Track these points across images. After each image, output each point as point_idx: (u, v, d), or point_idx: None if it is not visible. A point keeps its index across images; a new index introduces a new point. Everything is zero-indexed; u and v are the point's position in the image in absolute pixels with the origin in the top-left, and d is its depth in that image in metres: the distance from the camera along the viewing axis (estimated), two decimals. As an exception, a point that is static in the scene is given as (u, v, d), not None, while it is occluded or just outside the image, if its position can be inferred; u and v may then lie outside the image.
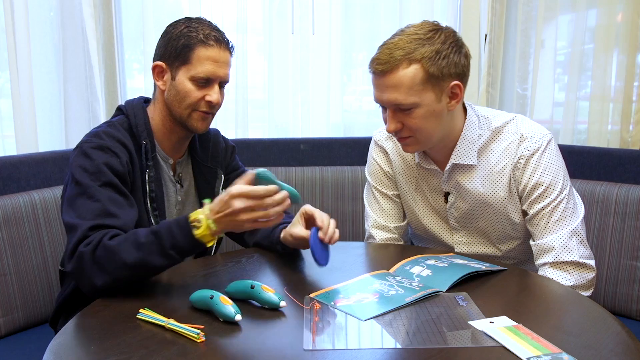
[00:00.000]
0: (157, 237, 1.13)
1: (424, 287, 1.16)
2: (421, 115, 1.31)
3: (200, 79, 1.35)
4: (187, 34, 1.35)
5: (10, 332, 1.61)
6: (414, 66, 1.28)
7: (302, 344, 0.93)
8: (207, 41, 1.34)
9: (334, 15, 2.39)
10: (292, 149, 2.16)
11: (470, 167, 1.43)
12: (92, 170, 1.24)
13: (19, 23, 1.98)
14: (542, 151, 1.38)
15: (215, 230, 1.12)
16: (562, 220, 1.36)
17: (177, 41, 1.35)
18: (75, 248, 1.15)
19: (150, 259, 1.12)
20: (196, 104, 1.36)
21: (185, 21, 1.38)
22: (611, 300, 1.78)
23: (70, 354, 0.94)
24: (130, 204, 1.28)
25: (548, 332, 0.96)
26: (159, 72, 1.39)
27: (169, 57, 1.37)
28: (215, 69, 1.35)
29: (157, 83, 1.40)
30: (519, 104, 2.38)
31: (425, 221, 1.55)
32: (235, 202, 1.09)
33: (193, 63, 1.34)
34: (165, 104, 1.40)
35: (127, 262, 1.12)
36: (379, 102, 1.35)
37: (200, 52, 1.34)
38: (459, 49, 1.31)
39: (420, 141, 1.36)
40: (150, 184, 1.36)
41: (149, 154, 1.36)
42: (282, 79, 2.40)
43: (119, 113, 1.43)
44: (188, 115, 1.38)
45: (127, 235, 1.16)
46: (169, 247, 1.12)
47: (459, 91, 1.32)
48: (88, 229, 1.17)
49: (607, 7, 2.17)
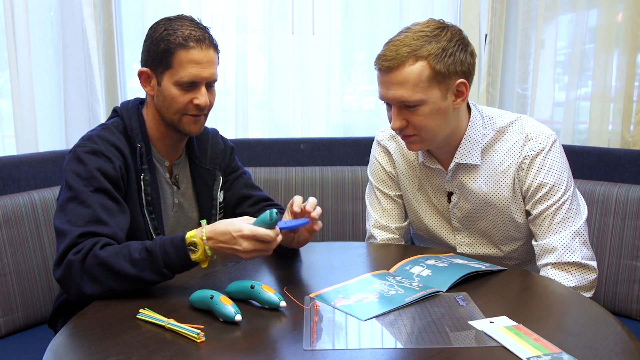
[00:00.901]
0: (150, 255, 1.13)
1: (424, 287, 1.16)
2: (426, 112, 1.30)
3: (184, 83, 1.31)
4: (166, 37, 1.30)
5: (10, 332, 1.61)
6: (421, 63, 1.27)
7: (302, 344, 0.93)
8: (186, 43, 1.29)
9: (334, 15, 2.39)
10: (292, 149, 2.16)
11: (474, 167, 1.43)
12: (85, 176, 1.24)
13: (19, 23, 1.99)
14: (547, 152, 1.37)
15: (211, 256, 1.14)
16: (565, 221, 1.35)
17: (158, 46, 1.31)
18: (64, 255, 1.15)
19: (144, 275, 1.12)
20: (184, 108, 1.34)
21: (165, 22, 1.33)
22: (611, 300, 1.78)
23: (70, 354, 0.94)
24: (122, 210, 1.27)
25: (548, 332, 0.96)
26: (145, 78, 1.36)
27: (152, 63, 1.33)
28: (198, 71, 1.31)
29: (144, 89, 1.38)
30: (519, 104, 2.38)
31: (427, 221, 1.55)
32: (244, 242, 1.11)
33: (175, 68, 1.30)
34: (156, 109, 1.38)
35: (119, 275, 1.11)
36: (384, 99, 1.34)
37: (181, 55, 1.30)
38: (465, 47, 1.31)
39: (425, 139, 1.36)
40: (146, 187, 1.35)
41: (144, 157, 1.35)
42: (282, 79, 2.40)
43: (114, 115, 1.42)
44: (178, 120, 1.36)
45: (119, 248, 1.15)
46: (162, 266, 1.13)
47: (464, 89, 1.32)
48: (77, 236, 1.16)
49: (607, 7, 2.17)
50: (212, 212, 1.50)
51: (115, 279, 1.12)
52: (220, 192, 1.51)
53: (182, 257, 1.13)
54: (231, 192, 1.54)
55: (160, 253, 1.13)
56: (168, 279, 1.15)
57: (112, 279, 1.12)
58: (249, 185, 1.57)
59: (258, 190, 1.58)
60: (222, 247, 1.12)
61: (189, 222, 1.50)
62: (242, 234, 1.10)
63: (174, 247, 1.14)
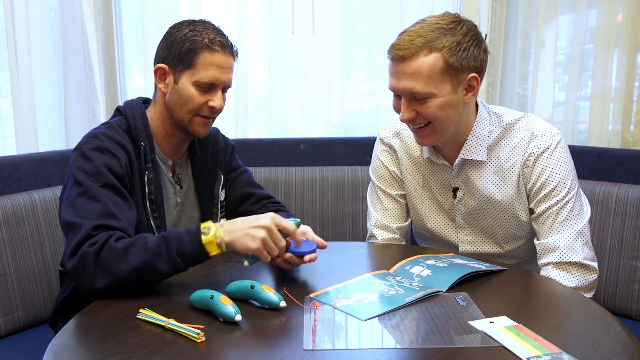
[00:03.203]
0: (165, 241, 1.14)
1: (424, 287, 1.16)
2: (436, 105, 1.30)
3: (204, 84, 1.34)
4: (192, 37, 1.33)
5: (10, 332, 1.61)
6: (434, 55, 1.27)
7: (302, 344, 0.93)
8: (212, 46, 1.33)
9: (334, 15, 2.39)
10: (292, 149, 2.16)
11: (479, 163, 1.43)
12: (92, 172, 1.24)
13: (19, 23, 1.98)
14: (552, 150, 1.37)
15: (222, 239, 1.14)
16: (568, 220, 1.35)
17: (182, 45, 1.33)
18: (79, 247, 1.14)
19: (156, 263, 1.12)
20: (199, 108, 1.36)
21: (190, 24, 1.37)
22: (611, 300, 1.78)
23: (70, 354, 0.94)
24: (130, 205, 1.28)
25: (548, 332, 0.96)
26: (161, 74, 1.38)
27: (172, 60, 1.35)
28: (219, 75, 1.35)
29: (158, 85, 1.39)
30: (519, 104, 2.38)
31: (430, 219, 1.55)
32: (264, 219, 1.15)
33: (197, 68, 1.33)
34: (166, 107, 1.39)
35: (132, 265, 1.11)
36: (395, 90, 1.34)
37: (205, 57, 1.33)
38: (479, 42, 1.31)
39: (437, 130, 1.34)
40: (150, 186, 1.36)
41: (148, 156, 1.36)
42: (282, 79, 2.40)
43: (117, 114, 1.42)
44: (189, 120, 1.37)
45: (135, 239, 1.16)
46: (175, 253, 1.13)
47: (475, 84, 1.32)
48: (92, 229, 1.16)
49: (607, 7, 2.17)
50: (214, 210, 1.50)
51: (128, 270, 1.11)
52: (221, 191, 1.52)
53: (193, 240, 1.14)
54: (233, 191, 1.55)
55: (174, 238, 1.14)
56: (180, 269, 1.15)
57: (126, 270, 1.11)
58: (251, 183, 1.58)
59: (260, 189, 1.59)
60: (237, 230, 1.14)
61: (190, 221, 1.50)
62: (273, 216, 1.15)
63: (189, 234, 1.15)
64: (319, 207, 2.10)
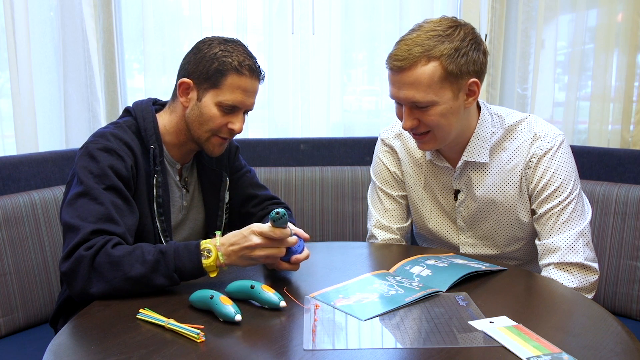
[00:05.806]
0: (163, 256, 1.14)
1: (424, 287, 1.16)
2: (438, 112, 1.29)
3: (227, 106, 1.32)
4: (222, 58, 1.31)
5: (10, 332, 1.60)
6: (433, 64, 1.26)
7: (302, 344, 0.93)
8: (241, 69, 1.31)
9: (334, 15, 2.39)
10: (292, 149, 2.16)
11: (482, 165, 1.43)
12: (97, 173, 1.23)
13: (19, 23, 1.98)
14: (555, 151, 1.37)
15: (222, 263, 1.15)
16: (570, 221, 1.35)
17: (210, 63, 1.31)
18: (74, 250, 1.14)
19: (152, 277, 1.12)
20: (218, 129, 1.35)
21: (220, 42, 1.34)
22: (611, 300, 1.78)
23: (70, 354, 0.94)
24: (132, 210, 1.27)
25: (548, 332, 0.96)
26: (185, 88, 1.35)
27: (198, 77, 1.33)
28: (244, 99, 1.34)
29: (180, 98, 1.36)
30: (519, 104, 2.38)
31: (431, 221, 1.55)
32: (254, 237, 1.14)
33: (223, 89, 1.32)
34: (185, 120, 1.37)
35: (128, 275, 1.11)
36: (395, 99, 1.33)
37: (232, 79, 1.31)
38: (477, 46, 1.30)
39: (438, 137, 1.34)
40: (158, 189, 1.35)
41: (157, 159, 1.35)
42: (282, 79, 2.40)
43: (126, 114, 1.40)
44: (207, 139, 1.36)
45: (132, 248, 1.15)
46: (172, 269, 1.13)
47: (476, 88, 1.31)
48: (90, 233, 1.15)
49: (607, 7, 2.17)
50: (219, 212, 1.50)
51: (123, 279, 1.11)
52: (227, 194, 1.51)
53: (194, 262, 1.14)
54: (236, 192, 1.54)
55: (173, 256, 1.14)
56: (175, 284, 1.15)
57: (121, 279, 1.11)
58: (254, 184, 1.58)
59: (263, 190, 1.58)
60: (235, 251, 1.15)
61: (194, 223, 1.50)
62: (251, 230, 1.14)
63: (188, 251, 1.15)
64: (319, 207, 2.10)
